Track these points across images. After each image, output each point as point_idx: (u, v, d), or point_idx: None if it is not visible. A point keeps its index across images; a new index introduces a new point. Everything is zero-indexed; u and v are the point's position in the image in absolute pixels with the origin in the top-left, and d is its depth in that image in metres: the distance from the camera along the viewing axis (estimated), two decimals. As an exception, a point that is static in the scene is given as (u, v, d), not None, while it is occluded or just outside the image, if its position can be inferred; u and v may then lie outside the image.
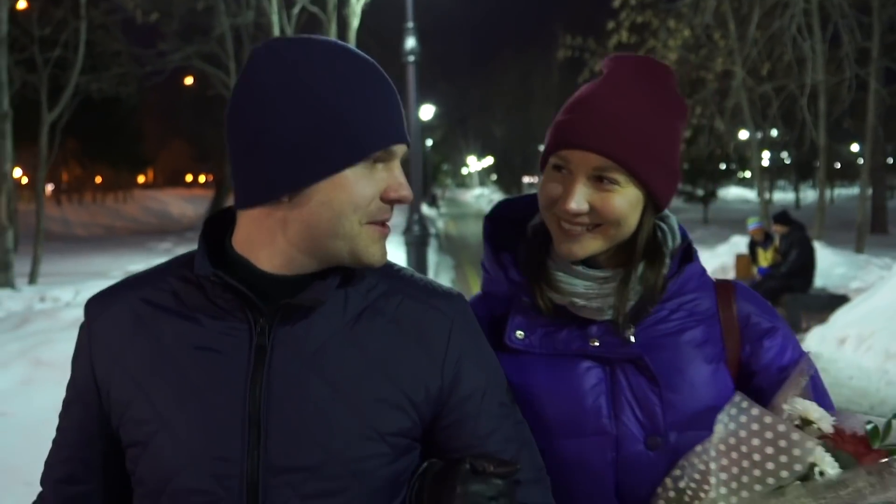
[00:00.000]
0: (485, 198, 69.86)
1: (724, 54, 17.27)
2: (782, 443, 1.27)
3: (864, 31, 16.23)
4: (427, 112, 34.49)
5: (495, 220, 1.63)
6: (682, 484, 1.37)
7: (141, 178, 56.49)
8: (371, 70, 1.26)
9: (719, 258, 14.34)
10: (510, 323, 1.52)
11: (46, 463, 1.39)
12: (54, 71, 14.97)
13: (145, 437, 1.25)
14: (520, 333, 1.51)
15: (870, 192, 27.40)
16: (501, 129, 65.95)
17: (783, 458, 1.26)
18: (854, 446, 1.31)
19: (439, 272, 16.33)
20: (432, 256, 15.11)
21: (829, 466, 1.26)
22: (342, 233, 1.23)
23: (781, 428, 1.27)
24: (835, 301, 10.57)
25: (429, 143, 50.42)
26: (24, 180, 41.67)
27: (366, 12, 15.73)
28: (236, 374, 1.23)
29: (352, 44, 15.41)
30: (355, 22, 15.40)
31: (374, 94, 1.24)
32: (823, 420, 1.33)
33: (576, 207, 1.41)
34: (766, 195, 21.22)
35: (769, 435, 1.28)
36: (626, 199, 1.43)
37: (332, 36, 15.40)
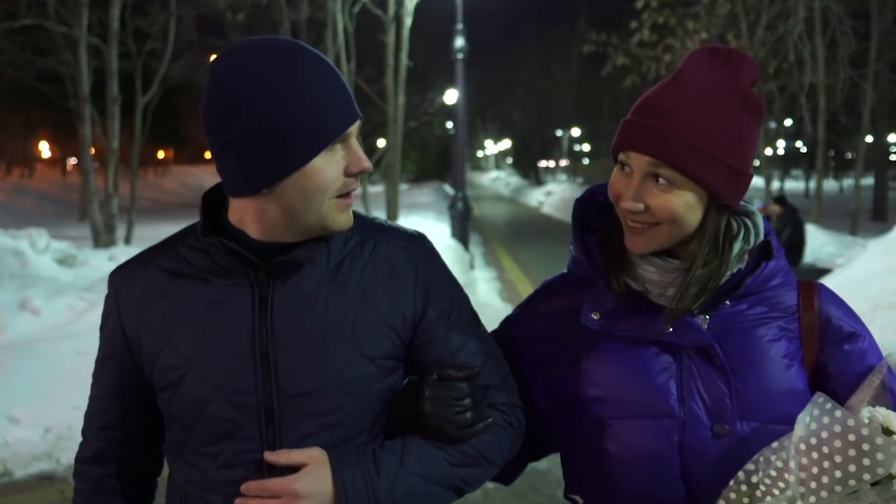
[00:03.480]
0: (501, 181, 70.50)
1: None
2: (865, 446, 1.25)
3: (858, 35, 17.72)
4: (451, 97, 35.49)
5: (584, 203, 1.64)
6: (755, 479, 1.37)
7: (160, 154, 57.39)
8: (321, 62, 1.40)
9: (725, 237, 15.97)
10: (587, 303, 1.56)
11: (87, 415, 1.61)
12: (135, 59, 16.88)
13: (175, 379, 1.46)
14: (595, 315, 1.54)
15: (869, 181, 28.99)
16: (520, 114, 66.79)
17: (866, 462, 1.25)
18: None
19: (471, 245, 18.05)
20: (465, 231, 16.82)
21: None
22: (314, 210, 1.41)
23: (865, 431, 1.26)
24: (820, 274, 12.17)
25: (449, 125, 51.29)
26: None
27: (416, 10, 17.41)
28: (244, 321, 1.44)
29: (405, 42, 17.12)
30: (409, 21, 17.08)
31: (327, 85, 1.38)
32: None
33: (630, 206, 1.46)
34: (775, 182, 22.65)
35: (852, 437, 1.26)
36: (681, 199, 1.44)
37: (390, 35, 17.15)
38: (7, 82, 19.49)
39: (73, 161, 51.16)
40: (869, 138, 25.52)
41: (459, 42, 15.09)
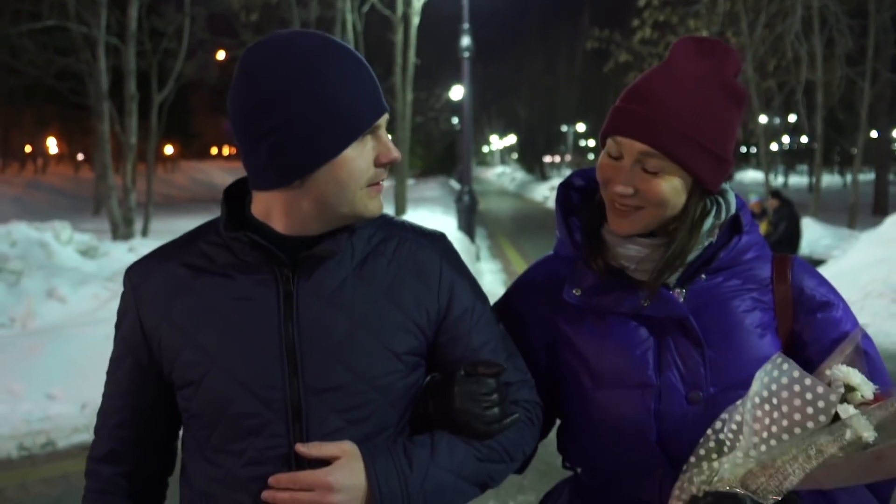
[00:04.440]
0: (507, 176, 70.47)
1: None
2: (808, 395, 1.33)
3: (855, 33, 18.08)
4: (457, 93, 35.54)
5: (567, 187, 1.72)
6: (721, 435, 1.44)
7: (168, 149, 57.52)
8: (353, 55, 1.42)
9: (724, 230, 16.39)
10: (569, 280, 1.64)
11: (101, 412, 1.58)
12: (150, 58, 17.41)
13: (198, 376, 1.44)
14: (577, 291, 1.62)
15: (871, 176, 29.28)
16: (525, 109, 66.95)
17: (809, 410, 1.32)
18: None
19: (476, 238, 18.48)
20: (470, 226, 17.24)
21: (864, 430, 1.29)
22: (346, 200, 1.42)
23: (808, 381, 1.33)
24: (815, 265, 12.69)
25: (455, 121, 51.56)
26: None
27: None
28: (270, 317, 1.43)
29: (413, 40, 17.55)
30: (416, 20, 17.51)
31: (359, 77, 1.40)
32: (864, 386, 1.35)
33: (621, 190, 1.51)
34: (779, 177, 22.69)
35: (797, 388, 1.34)
36: (669, 185, 1.50)
37: (399, 35, 17.58)
38: (22, 80, 19.96)
39: (80, 157, 51.66)
40: (873, 133, 25.80)
41: (466, 41, 15.51)
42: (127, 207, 14.56)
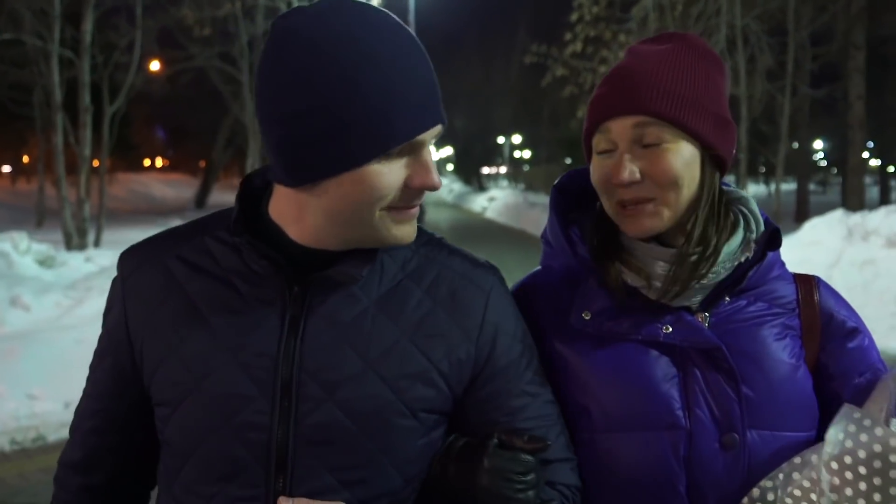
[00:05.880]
0: (444, 187, 71.73)
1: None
2: None
3: (775, 51, 19.22)
4: None
5: (563, 191, 1.51)
6: (771, 496, 1.27)
7: (96, 162, 57.07)
8: (409, 41, 1.16)
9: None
10: (576, 302, 1.42)
11: (78, 411, 1.38)
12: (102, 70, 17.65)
13: (176, 398, 1.23)
14: (586, 314, 1.40)
15: (793, 186, 30.74)
16: (462, 121, 67.91)
17: None
18: None
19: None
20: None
21: None
22: (362, 221, 1.18)
23: None
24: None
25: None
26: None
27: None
28: (269, 343, 1.20)
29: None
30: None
31: (408, 71, 1.13)
32: None
33: (627, 176, 1.31)
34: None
35: (894, 458, 1.15)
36: (677, 156, 1.32)
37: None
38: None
39: (5, 168, 50.93)
40: (795, 145, 27.13)
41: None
42: (81, 218, 14.78)
